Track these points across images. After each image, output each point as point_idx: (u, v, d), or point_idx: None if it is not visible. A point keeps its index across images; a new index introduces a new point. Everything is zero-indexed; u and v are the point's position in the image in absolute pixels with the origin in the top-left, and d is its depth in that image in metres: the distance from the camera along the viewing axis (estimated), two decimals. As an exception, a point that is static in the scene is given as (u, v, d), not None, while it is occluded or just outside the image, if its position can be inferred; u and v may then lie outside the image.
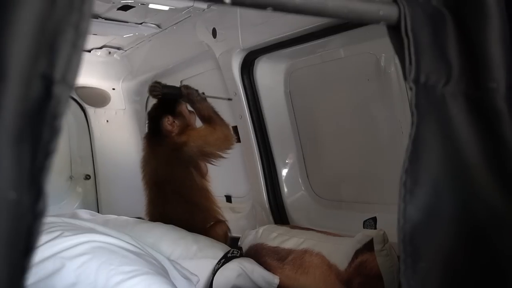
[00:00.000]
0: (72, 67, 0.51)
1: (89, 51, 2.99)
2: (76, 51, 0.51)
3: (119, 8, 2.20)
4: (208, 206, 2.24)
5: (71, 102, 3.16)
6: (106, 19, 2.35)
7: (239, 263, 1.84)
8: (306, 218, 2.26)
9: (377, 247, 1.56)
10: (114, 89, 3.32)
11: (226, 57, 2.26)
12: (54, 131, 0.50)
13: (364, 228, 1.75)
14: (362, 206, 2.07)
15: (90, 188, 3.38)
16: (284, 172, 2.35)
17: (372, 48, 1.86)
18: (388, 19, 0.75)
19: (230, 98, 2.31)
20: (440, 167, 0.74)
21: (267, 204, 2.33)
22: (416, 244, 0.71)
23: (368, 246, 1.58)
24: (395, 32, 0.75)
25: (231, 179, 2.66)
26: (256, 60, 2.25)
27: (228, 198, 2.78)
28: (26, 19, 0.48)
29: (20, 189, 0.48)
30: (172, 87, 2.19)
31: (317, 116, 2.26)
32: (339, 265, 1.64)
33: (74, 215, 2.03)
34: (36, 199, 0.49)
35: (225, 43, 2.26)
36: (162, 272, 1.51)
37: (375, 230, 1.64)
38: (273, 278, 1.83)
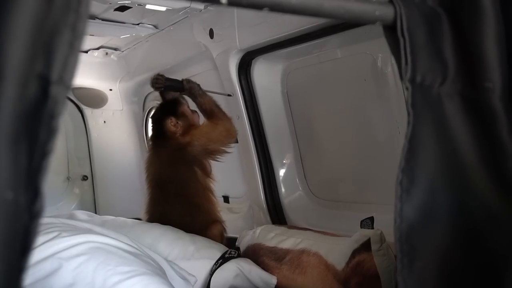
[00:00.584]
0: (69, 68, 0.51)
1: (86, 51, 2.98)
2: (73, 52, 0.51)
3: (116, 9, 2.20)
4: (210, 208, 2.24)
5: (68, 103, 3.15)
6: (103, 19, 2.34)
7: (237, 264, 1.84)
8: (304, 218, 2.27)
9: (374, 246, 1.56)
10: (111, 89, 3.32)
11: (223, 57, 2.27)
12: (51, 131, 0.50)
13: (361, 228, 1.75)
14: (359, 206, 2.07)
15: (88, 189, 3.38)
16: (282, 172, 2.35)
17: (368, 49, 1.87)
18: (384, 19, 0.75)
19: (230, 94, 2.31)
20: (437, 167, 0.74)
21: (264, 204, 2.34)
22: (412, 243, 0.71)
23: (366, 246, 1.58)
24: (391, 32, 0.76)
25: (228, 180, 2.66)
26: (253, 61, 2.25)
27: (226, 199, 2.78)
28: (23, 19, 0.48)
29: (17, 189, 0.48)
30: (174, 80, 2.18)
31: (314, 117, 2.27)
32: (336, 265, 1.64)
33: (71, 216, 2.02)
34: (33, 199, 0.49)
35: (222, 43, 2.26)
36: (160, 272, 1.51)
37: (372, 230, 1.64)
38: (270, 278, 1.83)
